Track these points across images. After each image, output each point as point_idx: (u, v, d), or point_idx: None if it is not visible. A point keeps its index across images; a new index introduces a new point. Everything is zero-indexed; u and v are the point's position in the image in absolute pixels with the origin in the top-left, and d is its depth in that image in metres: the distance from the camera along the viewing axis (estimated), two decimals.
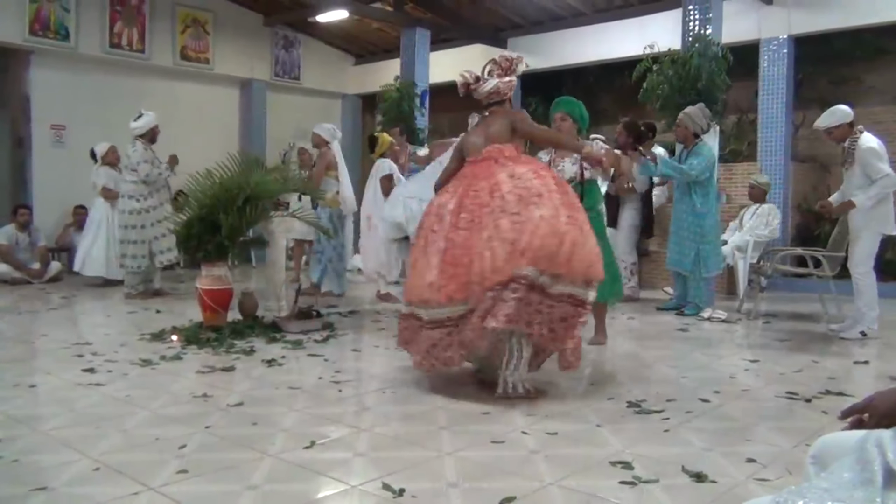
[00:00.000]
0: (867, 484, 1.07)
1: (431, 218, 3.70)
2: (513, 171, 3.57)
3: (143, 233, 7.04)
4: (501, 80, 3.99)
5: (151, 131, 7.14)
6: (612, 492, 2.38)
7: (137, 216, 7.04)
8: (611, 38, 9.61)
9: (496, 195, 3.47)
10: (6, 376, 3.94)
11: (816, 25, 8.14)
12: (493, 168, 3.64)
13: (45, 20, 9.24)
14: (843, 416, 1.45)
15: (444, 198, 3.72)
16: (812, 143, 9.45)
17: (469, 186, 3.62)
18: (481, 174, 3.64)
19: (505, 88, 3.99)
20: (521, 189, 3.46)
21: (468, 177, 3.72)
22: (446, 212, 3.60)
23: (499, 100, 4.00)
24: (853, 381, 4.00)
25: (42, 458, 2.68)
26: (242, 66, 11.35)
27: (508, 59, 4.06)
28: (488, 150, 3.76)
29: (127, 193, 7.08)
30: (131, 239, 7.02)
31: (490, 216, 3.43)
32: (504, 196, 3.45)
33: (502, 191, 3.47)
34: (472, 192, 3.57)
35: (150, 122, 7.13)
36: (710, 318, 6.03)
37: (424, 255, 3.61)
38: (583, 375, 4.07)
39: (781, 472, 2.55)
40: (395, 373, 4.10)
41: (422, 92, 9.95)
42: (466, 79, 4.05)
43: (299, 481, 2.47)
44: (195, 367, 4.18)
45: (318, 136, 7.20)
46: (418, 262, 3.65)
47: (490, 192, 3.51)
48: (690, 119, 6.12)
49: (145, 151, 7.03)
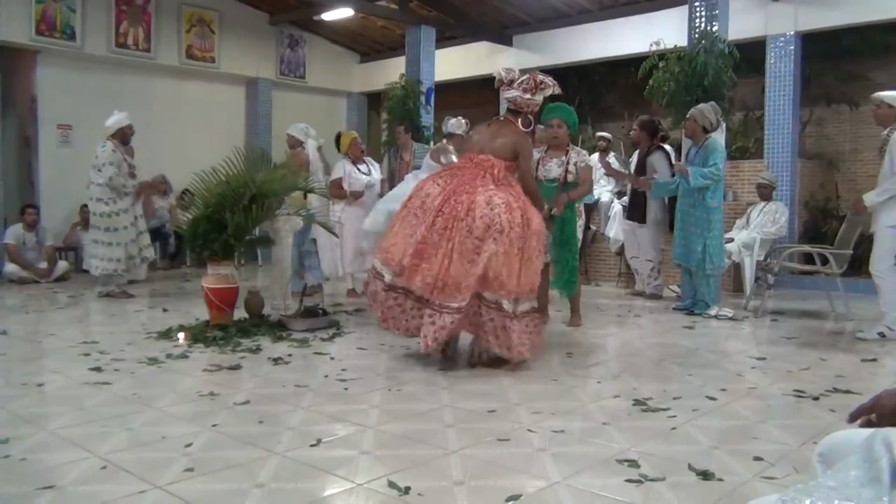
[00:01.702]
0: (874, 482, 1.07)
1: (417, 200, 4.12)
2: (489, 199, 3.95)
3: (119, 235, 6.89)
4: (521, 95, 4.30)
5: (122, 131, 7.00)
6: (618, 490, 2.37)
7: (110, 219, 6.88)
8: (616, 35, 9.58)
9: (470, 215, 3.90)
10: (14, 375, 3.95)
11: (824, 22, 8.10)
12: (478, 183, 4.04)
13: (51, 20, 9.26)
14: (852, 419, 1.44)
15: (434, 190, 4.10)
16: (819, 140, 9.42)
17: (454, 192, 4.01)
18: (466, 184, 4.04)
19: (522, 103, 4.32)
20: (488, 220, 3.88)
21: (457, 178, 4.11)
22: (430, 206, 4.01)
23: (515, 109, 4.35)
24: (861, 378, 3.99)
25: (49, 456, 2.69)
26: (248, 64, 11.36)
27: (537, 81, 4.32)
28: (483, 159, 4.15)
29: (95, 196, 6.90)
30: (108, 241, 6.86)
31: (459, 232, 3.89)
32: (475, 220, 3.88)
33: (475, 214, 3.89)
34: (454, 202, 3.96)
35: (120, 122, 7.00)
36: (716, 316, 6.01)
37: (402, 228, 4.10)
38: (589, 373, 4.07)
39: (788, 470, 2.54)
40: (401, 371, 4.10)
41: (427, 90, 9.93)
42: (502, 76, 4.38)
43: (305, 479, 2.48)
44: (201, 366, 4.19)
45: (293, 137, 7.17)
46: (397, 232, 4.12)
47: (467, 209, 3.92)
48: (701, 114, 6.07)
49: (113, 153, 6.86)
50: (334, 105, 12.87)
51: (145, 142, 9.80)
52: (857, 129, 9.20)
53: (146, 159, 9.42)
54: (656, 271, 7.28)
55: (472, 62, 11.27)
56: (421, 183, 4.31)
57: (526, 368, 4.17)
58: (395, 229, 4.18)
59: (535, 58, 10.60)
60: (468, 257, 3.86)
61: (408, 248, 3.99)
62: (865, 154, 9.12)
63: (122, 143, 7.02)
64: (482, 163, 4.13)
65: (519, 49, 10.82)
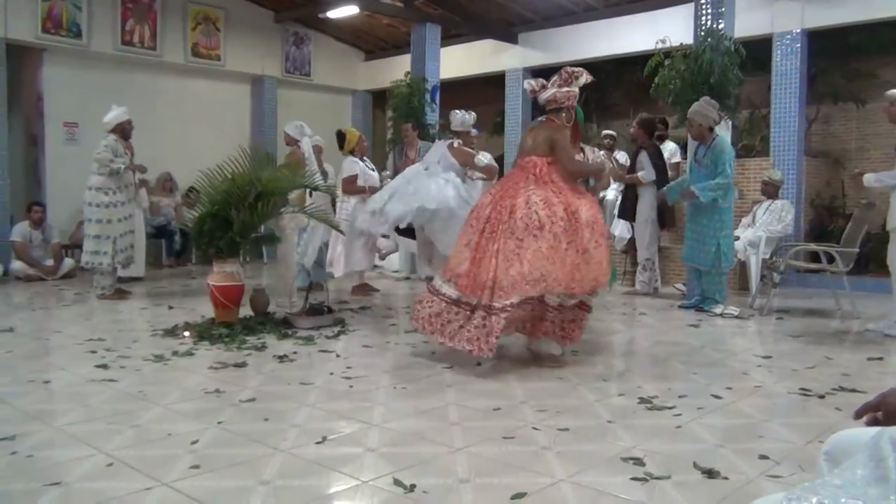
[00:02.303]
0: (881, 481, 1.06)
1: (473, 212, 4.30)
2: (528, 199, 4.04)
3: (109, 228, 6.76)
4: (559, 90, 4.39)
5: (121, 126, 6.94)
6: (623, 488, 2.37)
7: (106, 210, 6.76)
8: (622, 32, 9.56)
9: (512, 217, 4.00)
10: (21, 372, 3.97)
11: (830, 19, 8.06)
12: (520, 185, 4.15)
13: (57, 18, 9.28)
14: (857, 416, 1.44)
15: (485, 199, 4.27)
16: (825, 138, 9.39)
17: (500, 199, 4.14)
18: (511, 188, 4.17)
19: (562, 97, 4.40)
20: (527, 219, 3.98)
21: (504, 185, 4.27)
22: (482, 215, 4.15)
23: (556, 107, 4.42)
24: (867, 377, 3.97)
25: (56, 453, 2.70)
26: (253, 62, 11.37)
27: (569, 72, 4.42)
28: (526, 161, 4.28)
29: (95, 186, 6.78)
30: (97, 234, 6.75)
31: (503, 234, 3.99)
32: (516, 221, 3.98)
33: (515, 216, 3.99)
34: (500, 208, 4.09)
35: (119, 117, 6.95)
36: (722, 314, 5.99)
37: (460, 243, 4.23)
38: (594, 371, 4.06)
39: (794, 468, 2.54)
40: (407, 369, 4.10)
41: (432, 87, 9.93)
42: (533, 86, 4.54)
43: (311, 477, 2.48)
44: (207, 363, 4.20)
45: (288, 136, 7.18)
46: (458, 248, 4.23)
47: (510, 212, 4.03)
48: (702, 116, 6.04)
49: (115, 143, 6.82)
50: (339, 103, 12.88)
51: (151, 140, 9.84)
52: (863, 127, 9.17)
53: (152, 157, 9.45)
54: (645, 269, 7.28)
55: (478, 60, 11.26)
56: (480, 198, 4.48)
57: (533, 366, 4.18)
58: (457, 246, 4.29)
59: (541, 56, 10.59)
60: (509, 258, 3.92)
61: (464, 259, 4.10)
62: (872, 152, 9.09)
63: (123, 138, 6.98)
64: (525, 165, 4.27)
65: (524, 47, 10.80)
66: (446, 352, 4.50)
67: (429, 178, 6.08)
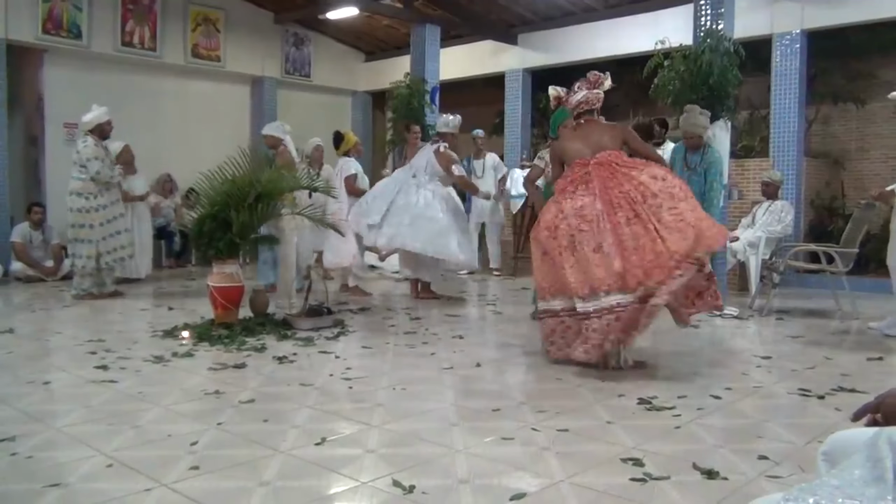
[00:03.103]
0: (879, 481, 1.07)
1: (571, 220, 4.00)
2: (653, 174, 4.06)
3: (91, 232, 6.73)
4: (590, 92, 4.46)
5: (101, 126, 6.87)
6: (622, 489, 2.37)
7: (86, 214, 6.73)
8: (622, 33, 9.56)
9: (648, 194, 3.95)
10: (21, 373, 3.97)
11: (830, 19, 8.06)
12: (624, 170, 4.08)
13: (57, 19, 9.29)
14: (856, 418, 1.44)
15: (579, 201, 4.03)
16: (825, 138, 9.39)
17: (608, 189, 4.01)
18: (610, 179, 4.05)
19: (593, 99, 4.46)
20: (670, 188, 3.98)
21: (595, 179, 4.07)
22: (594, 215, 3.94)
23: (588, 108, 4.46)
24: (867, 377, 3.97)
25: (56, 454, 2.70)
26: (253, 63, 11.37)
27: (597, 75, 4.54)
28: (603, 155, 4.16)
29: (76, 191, 6.75)
30: (79, 238, 6.74)
31: (650, 211, 3.90)
32: (656, 194, 3.94)
33: (653, 189, 3.96)
34: (619, 193, 3.98)
35: (99, 117, 6.87)
36: (721, 315, 6.00)
37: (573, 253, 3.96)
38: (593, 372, 4.06)
39: (793, 469, 2.54)
40: (406, 370, 4.10)
41: (432, 88, 9.93)
42: (558, 93, 4.65)
43: (310, 478, 2.48)
44: (207, 364, 4.20)
45: (272, 137, 7.15)
46: (566, 261, 3.97)
47: (640, 192, 3.96)
48: (699, 126, 5.97)
49: (96, 149, 6.75)
50: (339, 104, 12.88)
51: (151, 141, 9.86)
52: (863, 128, 9.17)
53: (152, 158, 9.48)
54: None
55: (478, 61, 11.26)
56: (551, 208, 4.21)
57: (532, 367, 4.18)
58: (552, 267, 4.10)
59: (541, 56, 10.59)
60: (676, 227, 3.85)
61: (612, 261, 3.83)
62: (872, 152, 9.09)
63: (101, 139, 6.89)
64: (604, 159, 4.15)
65: (524, 48, 10.81)
66: (446, 353, 4.51)
67: (416, 190, 6.46)
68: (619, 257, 3.83)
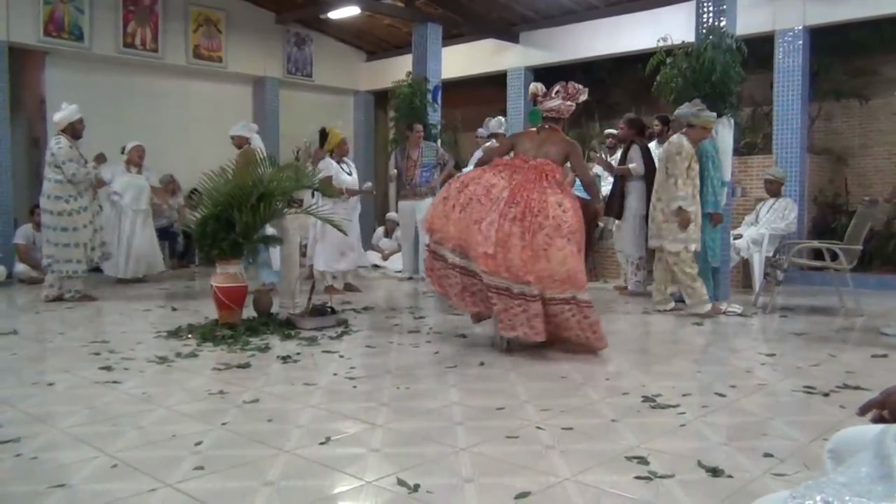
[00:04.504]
0: (886, 479, 1.06)
1: (478, 188, 4.47)
2: (560, 202, 4.37)
3: (78, 235, 6.65)
4: (564, 103, 4.73)
5: (73, 125, 6.73)
6: (627, 487, 2.37)
7: (69, 217, 6.62)
8: (623, 31, 9.55)
9: (542, 213, 4.28)
10: (25, 374, 3.98)
11: (832, 16, 8.04)
12: (544, 184, 4.42)
13: (59, 21, 9.30)
14: (861, 413, 1.43)
15: (496, 180, 4.48)
16: (828, 135, 9.37)
17: (521, 187, 4.37)
18: (531, 182, 4.41)
19: (564, 110, 4.76)
20: (560, 221, 4.29)
21: (520, 173, 4.48)
22: (498, 194, 4.38)
23: (556, 117, 4.76)
24: (871, 374, 3.96)
25: (60, 455, 2.71)
26: (255, 64, 11.38)
27: (576, 88, 4.77)
28: (541, 162, 4.55)
29: (53, 193, 6.60)
30: (65, 242, 6.62)
31: (534, 225, 4.24)
32: (549, 218, 4.27)
33: (548, 213, 4.29)
34: (525, 195, 4.33)
35: (70, 115, 6.74)
36: (725, 313, 5.99)
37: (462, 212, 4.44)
38: (597, 370, 4.06)
39: (798, 466, 2.53)
40: (410, 369, 4.10)
41: (434, 87, 9.93)
42: (538, 90, 4.83)
43: (315, 477, 2.48)
44: (211, 365, 4.20)
45: (239, 137, 7.18)
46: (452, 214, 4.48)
47: (538, 208, 4.30)
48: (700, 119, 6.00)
49: (70, 149, 6.60)
50: (341, 103, 12.88)
51: (153, 142, 9.85)
52: (866, 124, 9.14)
53: (155, 159, 9.48)
54: (635, 266, 7.28)
55: (479, 59, 11.25)
56: (477, 172, 4.70)
57: (536, 366, 4.18)
58: (443, 210, 4.55)
59: (542, 55, 10.58)
60: (538, 252, 4.23)
61: (485, 236, 4.25)
62: (875, 149, 9.06)
63: (74, 138, 6.76)
64: (541, 166, 4.52)
65: (525, 46, 10.79)
66: (449, 352, 4.51)
67: None
68: (494, 243, 4.22)
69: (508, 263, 4.20)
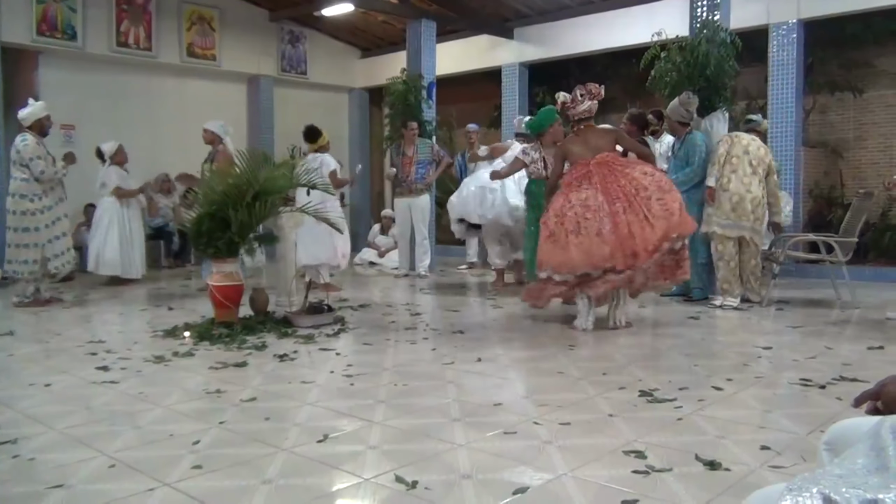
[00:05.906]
0: (882, 470, 1.06)
1: (576, 209, 4.84)
2: (643, 170, 4.89)
3: (37, 235, 6.37)
4: (593, 103, 5.20)
5: (40, 122, 6.54)
6: (625, 481, 2.37)
7: (31, 217, 6.36)
8: (618, 26, 9.54)
9: (640, 187, 4.77)
10: (21, 375, 3.97)
11: (827, 9, 8.05)
12: (619, 168, 4.91)
13: (52, 20, 9.27)
14: (857, 404, 1.43)
15: (583, 194, 4.86)
16: (823, 128, 9.38)
17: (607, 183, 4.84)
18: (610, 175, 4.87)
19: (594, 108, 5.24)
20: (658, 182, 4.83)
21: (594, 175, 4.90)
22: (596, 203, 4.79)
23: (588, 117, 5.22)
24: (867, 366, 3.97)
25: (58, 455, 2.70)
26: (249, 61, 11.35)
27: (595, 87, 5.21)
28: (601, 157, 4.97)
29: (18, 192, 6.35)
30: (23, 243, 6.36)
31: (642, 202, 4.73)
32: (647, 187, 4.77)
33: (643, 183, 4.79)
34: (616, 187, 4.81)
35: (37, 112, 6.54)
36: (721, 306, 6.00)
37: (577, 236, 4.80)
38: (594, 365, 4.06)
39: (796, 459, 2.54)
40: (407, 366, 4.10)
41: (429, 84, 9.91)
42: (565, 99, 5.38)
43: (313, 475, 2.48)
44: (208, 364, 4.20)
45: (211, 133, 7.16)
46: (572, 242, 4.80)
47: (635, 186, 4.78)
48: (672, 111, 6.29)
49: (37, 146, 6.40)
50: (336, 101, 12.86)
51: (148, 140, 9.85)
52: (861, 117, 9.16)
53: (149, 158, 9.48)
54: None
55: (474, 55, 11.24)
56: (558, 200, 4.99)
57: (533, 361, 4.18)
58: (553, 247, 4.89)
59: (537, 50, 10.57)
60: (659, 216, 4.71)
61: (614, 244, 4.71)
62: (869, 142, 9.08)
63: (40, 135, 6.59)
64: (603, 159, 4.96)
65: (520, 41, 10.78)
66: (446, 348, 4.51)
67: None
68: (616, 241, 4.70)
69: (646, 244, 4.67)
